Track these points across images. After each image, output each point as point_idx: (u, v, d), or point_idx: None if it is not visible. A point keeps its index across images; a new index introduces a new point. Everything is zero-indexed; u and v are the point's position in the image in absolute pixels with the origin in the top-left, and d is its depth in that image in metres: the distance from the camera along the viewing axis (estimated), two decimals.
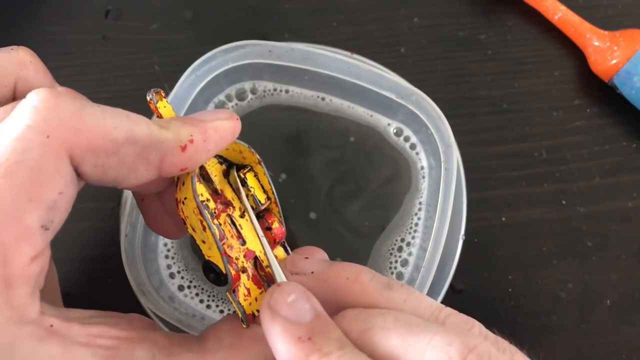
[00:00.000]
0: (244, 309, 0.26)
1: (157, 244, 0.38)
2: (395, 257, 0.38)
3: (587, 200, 0.42)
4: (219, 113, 0.26)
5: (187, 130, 0.24)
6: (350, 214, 0.39)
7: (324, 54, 0.38)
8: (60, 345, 0.21)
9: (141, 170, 0.23)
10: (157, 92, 0.26)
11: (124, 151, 0.22)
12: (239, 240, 0.27)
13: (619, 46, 0.42)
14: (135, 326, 0.24)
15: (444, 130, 0.37)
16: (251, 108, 0.41)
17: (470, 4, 0.46)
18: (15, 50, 0.26)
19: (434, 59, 0.45)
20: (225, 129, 0.25)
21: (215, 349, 0.25)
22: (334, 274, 0.25)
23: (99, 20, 0.45)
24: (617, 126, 0.44)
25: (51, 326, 0.21)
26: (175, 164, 0.24)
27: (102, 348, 0.22)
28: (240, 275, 0.26)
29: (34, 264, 0.21)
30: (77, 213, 0.39)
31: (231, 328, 0.26)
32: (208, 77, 0.38)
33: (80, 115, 0.21)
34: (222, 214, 0.27)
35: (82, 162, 0.22)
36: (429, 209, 0.39)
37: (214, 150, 0.25)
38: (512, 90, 0.44)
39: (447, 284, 0.36)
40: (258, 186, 0.28)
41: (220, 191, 0.27)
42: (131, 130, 0.22)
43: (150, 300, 0.34)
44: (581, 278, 0.40)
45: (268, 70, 0.40)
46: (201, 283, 0.37)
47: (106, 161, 0.22)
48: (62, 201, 0.21)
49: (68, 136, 0.21)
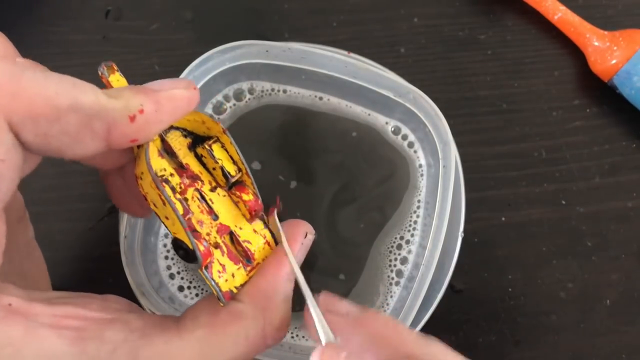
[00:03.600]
0: (220, 286, 0.25)
1: (157, 245, 0.38)
2: (395, 254, 0.39)
3: (587, 200, 0.42)
4: (177, 82, 0.24)
5: (137, 99, 0.23)
6: (348, 212, 0.39)
7: (321, 53, 0.38)
8: (22, 326, 0.20)
9: (87, 141, 0.22)
10: (108, 65, 0.25)
11: (67, 119, 0.21)
12: (211, 215, 0.26)
13: (618, 46, 0.42)
14: (108, 307, 0.23)
15: (442, 128, 0.37)
16: (249, 108, 0.41)
17: (470, 4, 0.46)
18: None
19: (434, 59, 0.45)
20: (180, 98, 0.24)
21: (191, 328, 0.23)
22: (371, 318, 0.25)
23: (99, 20, 0.45)
24: (617, 126, 0.44)
25: (9, 305, 0.20)
26: (125, 134, 0.23)
27: (70, 329, 0.21)
28: (211, 251, 0.25)
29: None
30: (77, 213, 0.39)
31: (209, 307, 0.25)
32: (205, 78, 0.38)
33: (18, 79, 0.20)
34: (189, 188, 0.26)
35: (22, 129, 0.21)
36: (427, 207, 0.39)
37: (167, 121, 0.24)
38: (512, 90, 0.44)
39: (447, 281, 0.36)
40: (226, 157, 0.27)
41: (185, 165, 0.26)
42: (75, 97, 0.21)
43: (151, 301, 0.34)
44: (581, 278, 0.40)
45: (265, 70, 0.40)
46: (201, 284, 0.37)
47: (48, 129, 0.21)
48: (6, 169, 0.20)
49: (4, 102, 0.20)
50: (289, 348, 0.36)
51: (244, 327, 0.24)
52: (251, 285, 0.26)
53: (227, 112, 0.41)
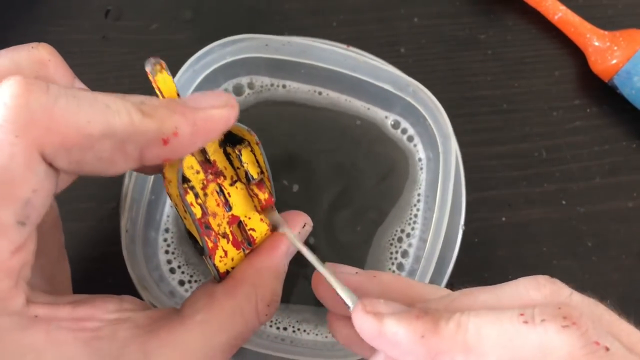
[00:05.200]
0: (218, 268, 0.27)
1: (157, 240, 0.38)
2: (396, 247, 0.39)
3: (587, 200, 0.42)
4: (216, 98, 0.24)
5: (173, 120, 0.22)
6: (348, 206, 0.39)
7: (321, 47, 0.38)
8: (44, 332, 0.22)
9: (119, 162, 0.22)
10: (156, 62, 0.24)
11: (100, 146, 0.21)
12: (225, 207, 0.27)
13: (619, 46, 0.42)
14: (124, 307, 0.24)
15: (442, 121, 0.37)
16: (248, 103, 0.41)
17: (470, 4, 0.46)
18: (35, 48, 0.25)
19: (434, 59, 0.45)
20: (218, 119, 0.24)
21: (191, 313, 0.25)
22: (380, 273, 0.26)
23: (99, 20, 0.45)
24: (617, 126, 0.44)
25: (36, 316, 0.22)
26: (157, 155, 0.23)
27: (86, 331, 0.23)
28: (218, 243, 0.27)
29: (14, 258, 0.21)
30: (77, 213, 0.39)
31: (204, 291, 0.26)
32: (205, 72, 0.38)
33: (52, 111, 0.20)
34: (211, 183, 0.27)
35: (56, 158, 0.21)
36: (427, 200, 0.39)
37: (201, 144, 0.24)
38: (512, 90, 0.44)
39: (448, 275, 0.36)
40: (253, 161, 0.28)
41: (213, 161, 0.27)
42: (107, 122, 0.21)
43: (153, 295, 0.34)
44: (581, 278, 0.40)
45: (265, 64, 0.40)
46: (202, 278, 0.38)
47: (81, 157, 0.21)
48: (37, 197, 0.21)
49: (38, 134, 0.20)
50: (290, 342, 0.36)
51: (239, 303, 0.26)
52: (245, 262, 0.28)
53: None
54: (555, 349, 0.20)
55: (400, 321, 0.22)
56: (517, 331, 0.20)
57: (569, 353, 0.20)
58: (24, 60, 0.25)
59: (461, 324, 0.21)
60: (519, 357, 0.20)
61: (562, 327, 0.20)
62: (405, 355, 0.22)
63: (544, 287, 0.23)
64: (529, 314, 0.21)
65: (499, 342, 0.20)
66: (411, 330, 0.21)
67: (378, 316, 0.22)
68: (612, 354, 0.20)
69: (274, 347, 0.34)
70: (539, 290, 0.23)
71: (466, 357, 0.21)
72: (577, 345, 0.20)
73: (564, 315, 0.20)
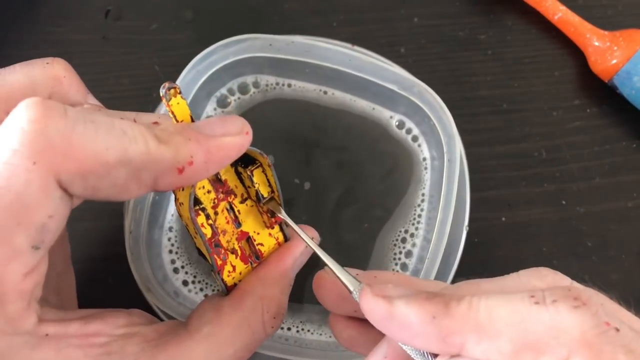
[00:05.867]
0: (226, 282, 0.27)
1: (161, 240, 0.38)
2: (399, 248, 0.39)
3: (587, 200, 0.42)
4: (230, 124, 0.24)
5: (188, 149, 0.22)
6: (352, 206, 0.39)
7: (325, 46, 0.38)
8: (54, 350, 0.22)
9: (133, 189, 0.22)
10: (172, 87, 0.24)
11: (116, 174, 0.21)
12: (235, 223, 0.28)
13: (619, 46, 0.42)
14: (132, 321, 0.25)
15: (447, 121, 0.37)
16: (254, 102, 0.41)
17: (470, 4, 0.46)
18: (50, 64, 0.25)
19: (434, 59, 0.45)
20: (232, 147, 0.24)
21: (198, 327, 0.25)
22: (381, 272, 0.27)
23: (99, 20, 0.44)
24: (617, 126, 0.44)
25: (46, 335, 0.22)
26: (171, 183, 0.23)
27: (95, 347, 0.23)
28: (227, 260, 0.27)
29: (27, 280, 0.21)
30: (78, 213, 0.39)
31: (211, 305, 0.27)
32: (209, 72, 0.38)
33: (69, 138, 0.20)
34: (221, 202, 0.27)
35: (71, 184, 0.21)
36: (431, 200, 0.39)
37: (214, 171, 0.24)
38: (512, 90, 0.44)
39: (452, 276, 0.36)
40: (264, 182, 0.28)
41: (224, 180, 0.27)
42: (124, 150, 0.21)
43: (156, 296, 0.34)
44: (581, 278, 0.40)
45: (269, 64, 0.40)
46: (205, 277, 0.38)
47: (97, 183, 0.21)
48: (52, 223, 0.21)
49: (55, 161, 0.20)
50: (294, 342, 0.36)
51: (245, 315, 0.26)
52: (252, 274, 0.28)
53: (232, 105, 0.41)
54: (567, 328, 0.20)
55: (411, 302, 0.22)
56: (528, 311, 0.20)
57: (581, 333, 0.20)
58: (39, 76, 0.25)
59: (472, 305, 0.21)
60: (530, 337, 0.20)
61: (573, 307, 0.20)
62: (415, 337, 0.22)
63: (546, 277, 0.23)
64: (539, 295, 0.21)
65: (511, 322, 0.20)
66: (422, 311, 0.21)
67: (387, 299, 0.22)
68: (622, 334, 0.20)
69: (279, 348, 0.34)
70: (542, 279, 0.23)
71: (478, 338, 0.21)
72: (588, 324, 0.20)
73: (574, 296, 0.20)
